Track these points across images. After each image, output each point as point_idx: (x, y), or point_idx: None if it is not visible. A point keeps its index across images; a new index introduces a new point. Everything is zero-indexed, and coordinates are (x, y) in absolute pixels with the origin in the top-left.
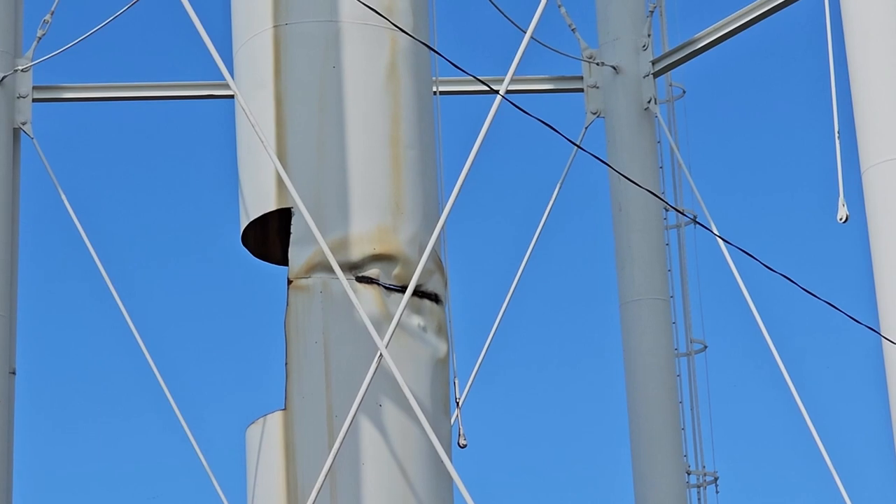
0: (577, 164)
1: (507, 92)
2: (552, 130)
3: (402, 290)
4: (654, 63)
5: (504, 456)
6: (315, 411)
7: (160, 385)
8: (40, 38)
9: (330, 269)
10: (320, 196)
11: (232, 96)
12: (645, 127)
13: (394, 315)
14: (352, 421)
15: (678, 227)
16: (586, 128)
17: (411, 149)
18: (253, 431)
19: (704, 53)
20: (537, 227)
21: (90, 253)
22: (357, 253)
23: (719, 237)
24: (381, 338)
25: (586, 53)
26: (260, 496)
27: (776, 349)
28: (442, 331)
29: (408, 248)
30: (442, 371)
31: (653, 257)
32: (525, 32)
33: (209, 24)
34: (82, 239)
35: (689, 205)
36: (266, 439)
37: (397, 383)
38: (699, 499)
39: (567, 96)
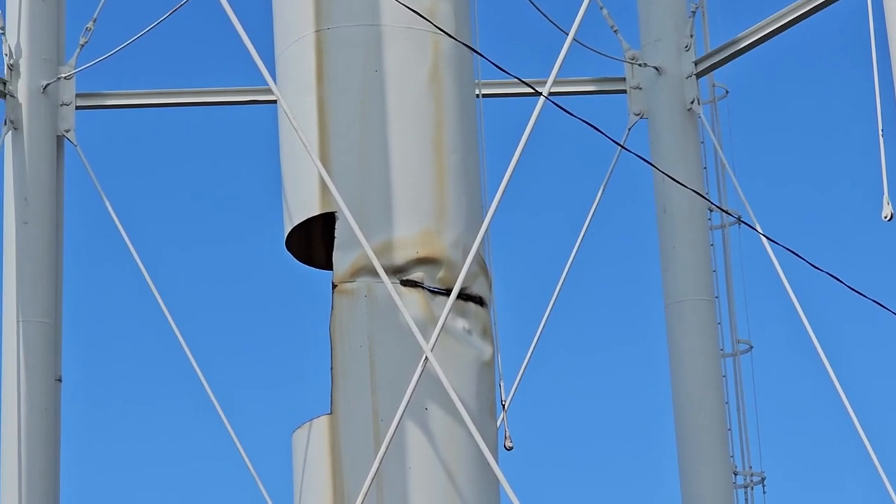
0: (620, 165)
1: (550, 94)
2: (595, 132)
3: (447, 293)
4: (696, 63)
5: (550, 458)
6: (361, 415)
7: (206, 390)
8: (83, 46)
9: (374, 273)
10: (364, 200)
11: (275, 101)
12: (688, 128)
13: (438, 318)
14: (398, 425)
15: (723, 227)
16: (629, 129)
17: (454, 152)
18: (299, 436)
19: (747, 53)
20: (581, 228)
21: (134, 259)
22: (401, 257)
23: (764, 236)
24: (427, 341)
25: (629, 55)
26: (307, 501)
27: (822, 348)
28: (487, 333)
29: (452, 251)
30: (487, 374)
31: (697, 258)
32: (567, 34)
33: (251, 29)
34: (126, 245)
35: (733, 205)
36: (312, 444)
37: (443, 386)
38: (746, 499)
39: (610, 98)
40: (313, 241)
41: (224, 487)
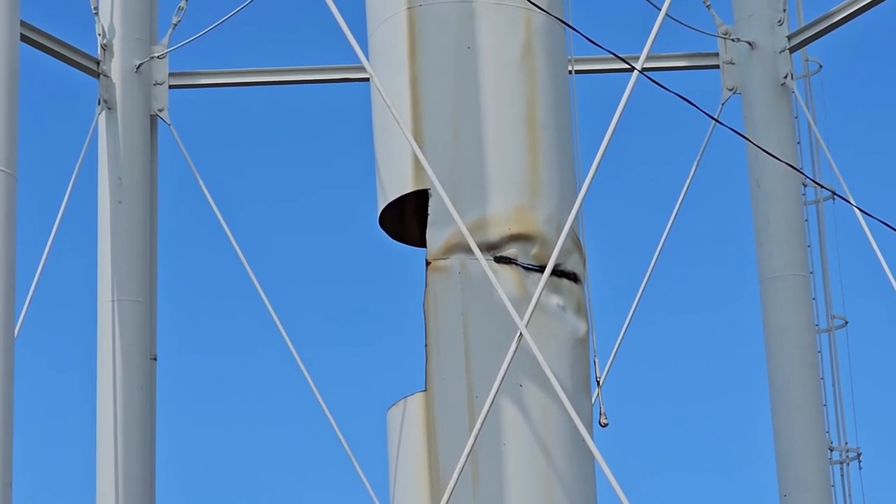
0: (713, 141)
1: (643, 69)
2: (688, 107)
3: (541, 269)
4: (789, 38)
5: (645, 435)
6: (455, 392)
7: (300, 369)
8: (175, 25)
9: (468, 250)
10: (457, 177)
11: (367, 79)
12: (782, 102)
13: (532, 295)
14: (492, 401)
15: (817, 202)
16: (723, 104)
17: (547, 128)
18: (394, 413)
19: (841, 27)
20: (675, 204)
21: (228, 238)
22: (495, 233)
23: (860, 209)
24: (521, 318)
25: (721, 30)
26: (401, 478)
27: None
28: (581, 310)
29: (545, 227)
30: (582, 350)
31: (792, 233)
32: (660, 9)
33: (344, 6)
34: (220, 224)
35: (827, 181)
36: (407, 421)
37: (537, 363)
38: (842, 475)
39: (703, 73)
40: (406, 218)
41: (319, 466)
